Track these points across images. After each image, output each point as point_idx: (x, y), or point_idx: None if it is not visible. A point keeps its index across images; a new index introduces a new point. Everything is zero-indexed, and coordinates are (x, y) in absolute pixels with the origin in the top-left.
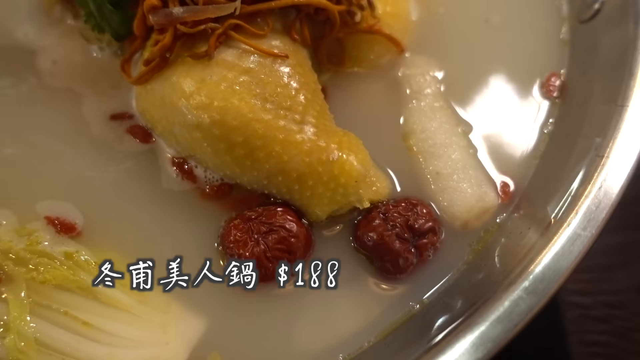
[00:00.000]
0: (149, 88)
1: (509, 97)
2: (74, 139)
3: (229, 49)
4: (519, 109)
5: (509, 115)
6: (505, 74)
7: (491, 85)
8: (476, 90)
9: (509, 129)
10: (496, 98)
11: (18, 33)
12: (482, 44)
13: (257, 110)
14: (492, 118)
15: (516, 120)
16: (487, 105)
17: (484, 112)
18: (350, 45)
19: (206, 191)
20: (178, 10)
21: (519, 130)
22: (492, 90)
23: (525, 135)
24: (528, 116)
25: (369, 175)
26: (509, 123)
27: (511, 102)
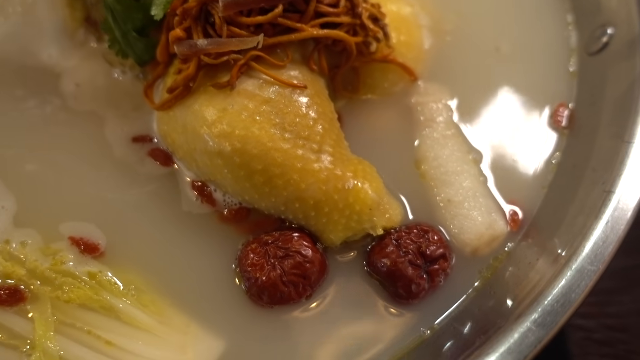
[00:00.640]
0: (171, 114)
1: (518, 126)
2: (96, 161)
3: (249, 79)
4: (528, 138)
5: (518, 143)
6: (514, 102)
7: (501, 114)
8: (486, 119)
9: (518, 158)
10: (506, 126)
11: (43, 54)
12: (492, 72)
13: (276, 139)
14: (501, 146)
15: (525, 149)
16: (497, 134)
17: (493, 140)
18: (365, 73)
19: (224, 214)
20: (202, 42)
21: (528, 159)
22: (502, 119)
23: (534, 164)
24: (537, 145)
25: (383, 202)
26: (518, 151)
27: (520, 130)
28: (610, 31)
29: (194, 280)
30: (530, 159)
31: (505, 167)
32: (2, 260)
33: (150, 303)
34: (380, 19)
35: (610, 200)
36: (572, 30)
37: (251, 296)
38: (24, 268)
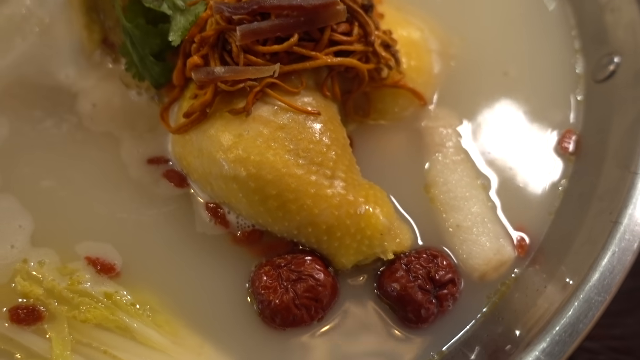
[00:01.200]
0: (187, 138)
1: (525, 151)
2: (112, 181)
3: (264, 105)
4: (535, 163)
5: (526, 169)
6: (522, 127)
7: (509, 139)
8: (494, 143)
9: (525, 183)
10: (513, 151)
11: (60, 74)
12: (500, 97)
13: (290, 165)
14: (509, 171)
15: (532, 174)
16: (505, 159)
17: (501, 165)
18: (376, 98)
19: (238, 236)
20: (220, 69)
21: (535, 185)
22: (510, 144)
23: (541, 190)
24: (544, 171)
25: (393, 227)
26: (525, 177)
27: (528, 156)
28: (617, 60)
29: (207, 301)
30: (537, 185)
31: (512, 193)
32: (20, 280)
33: (165, 323)
34: (391, 46)
35: (617, 231)
36: (579, 57)
37: (264, 318)
38: (42, 287)
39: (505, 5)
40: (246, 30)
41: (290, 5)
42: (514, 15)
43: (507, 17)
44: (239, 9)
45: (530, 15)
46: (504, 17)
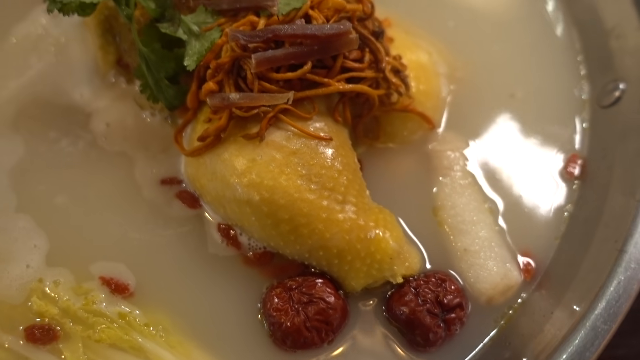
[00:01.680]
0: (200, 161)
1: (531, 175)
2: (126, 201)
3: (277, 131)
4: (541, 187)
5: (532, 193)
6: (528, 151)
7: (515, 162)
8: (501, 167)
9: (531, 207)
10: (519, 175)
11: (75, 94)
12: (506, 121)
13: (302, 190)
14: (515, 195)
15: (538, 198)
16: (511, 182)
17: (507, 188)
18: (386, 122)
19: (249, 257)
20: (235, 96)
21: (541, 209)
22: (516, 167)
23: (547, 214)
24: (550, 196)
25: (403, 251)
26: (531, 201)
27: (534, 179)
28: (622, 86)
29: (219, 322)
30: (543, 209)
31: (518, 217)
32: (36, 300)
33: (178, 344)
34: (401, 71)
35: (622, 260)
36: (585, 82)
37: (275, 340)
38: (57, 307)
39: (512, 29)
40: (261, 59)
41: (304, 34)
42: (520, 39)
43: (513, 40)
44: (254, 37)
45: (536, 39)
46: (510, 41)
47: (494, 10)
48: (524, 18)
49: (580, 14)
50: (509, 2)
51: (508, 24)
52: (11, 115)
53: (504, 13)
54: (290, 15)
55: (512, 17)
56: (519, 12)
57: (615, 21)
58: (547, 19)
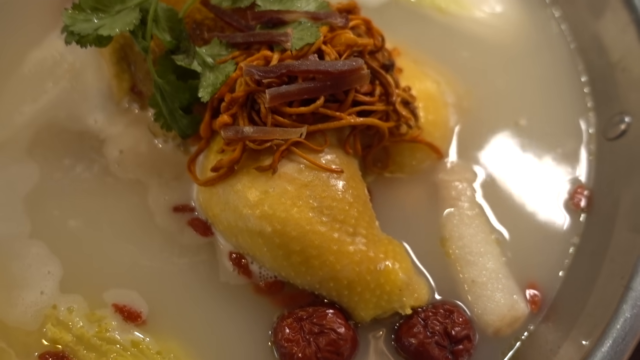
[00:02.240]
0: (213, 190)
1: (538, 205)
2: (139, 228)
3: (290, 163)
4: (548, 218)
5: (538, 224)
6: (534, 182)
7: (522, 193)
8: (508, 198)
9: (537, 239)
10: (526, 205)
11: (89, 119)
12: (513, 152)
13: (314, 222)
14: (522, 226)
15: (545, 229)
16: (518, 213)
17: (514, 219)
18: (395, 152)
19: (260, 286)
20: (248, 129)
21: (547, 241)
22: (523, 198)
23: (553, 246)
24: (556, 226)
25: (412, 283)
26: (538, 232)
27: (540, 210)
28: (628, 120)
29: (230, 351)
30: (550, 241)
31: (525, 248)
32: (50, 327)
33: None
34: (411, 102)
35: (629, 297)
36: (591, 114)
37: None
38: (71, 334)
39: (520, 60)
40: (275, 94)
41: (317, 70)
42: (528, 70)
43: (521, 71)
44: (269, 72)
45: (543, 71)
46: (518, 72)
47: (502, 41)
48: (531, 49)
49: (587, 46)
50: (517, 33)
51: (516, 55)
52: (27, 141)
53: (512, 44)
54: (304, 50)
55: (520, 48)
56: (527, 43)
57: (621, 54)
58: (555, 50)
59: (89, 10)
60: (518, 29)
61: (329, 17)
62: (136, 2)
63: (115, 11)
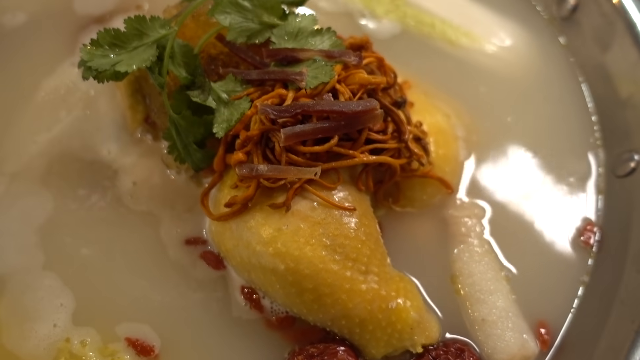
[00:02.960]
0: (226, 226)
1: (547, 242)
2: (152, 261)
3: (303, 200)
4: (557, 255)
5: (548, 261)
6: (544, 217)
7: (531, 229)
8: (517, 234)
9: (547, 276)
10: (535, 242)
11: (103, 149)
12: (522, 186)
13: (327, 261)
14: (531, 263)
15: (554, 267)
16: (527, 250)
17: (524, 256)
18: (406, 187)
19: (272, 321)
20: (263, 167)
21: (557, 278)
22: (532, 235)
23: (563, 284)
24: (565, 264)
25: (423, 321)
26: (547, 270)
27: (549, 247)
28: (638, 158)
29: None
30: (559, 279)
31: (534, 285)
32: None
33: None
34: (422, 138)
35: (639, 342)
36: (600, 150)
37: None
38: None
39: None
40: (290, 134)
41: (332, 110)
42: (537, 104)
43: (530, 105)
44: (284, 112)
45: (553, 105)
46: (527, 105)
47: (511, 74)
48: (540, 83)
49: (597, 83)
50: (526, 67)
51: (525, 88)
52: (41, 170)
53: (521, 78)
54: (318, 89)
55: (530, 81)
56: (536, 77)
57: (630, 91)
58: (563, 84)
59: (107, 46)
60: (527, 63)
61: (343, 56)
62: (153, 39)
63: (132, 47)
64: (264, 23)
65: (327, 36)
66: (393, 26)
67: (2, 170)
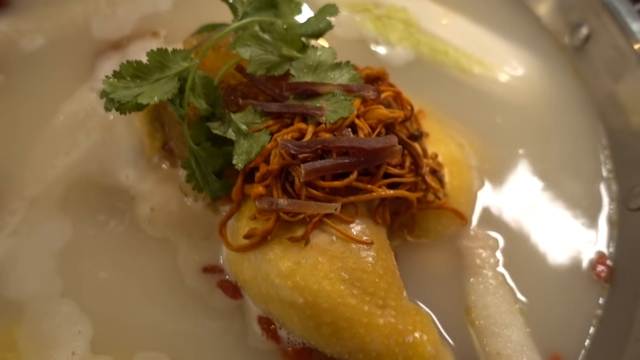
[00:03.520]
0: (244, 257)
1: (560, 275)
2: (169, 289)
3: (322, 234)
4: (570, 288)
5: (561, 294)
6: (557, 249)
7: (544, 261)
8: (530, 266)
9: (560, 309)
10: (549, 275)
11: (120, 175)
12: (535, 218)
13: (345, 295)
14: (545, 296)
15: (567, 300)
16: (541, 282)
17: (537, 288)
18: (421, 218)
19: (288, 352)
20: (283, 202)
21: (570, 311)
22: (545, 267)
23: (576, 317)
24: (579, 297)
25: (439, 355)
26: (560, 303)
27: (563, 280)
28: None
29: None
30: (572, 312)
31: (548, 318)
32: None
33: None
34: (438, 171)
35: None
36: (613, 182)
37: None
38: None
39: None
40: (311, 169)
41: (352, 146)
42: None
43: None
44: (304, 147)
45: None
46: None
47: (523, 102)
48: (552, 112)
49: (609, 113)
50: (538, 95)
51: (537, 117)
52: (59, 195)
53: (533, 106)
54: (337, 123)
55: (541, 110)
56: (547, 106)
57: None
58: (575, 113)
59: (129, 77)
60: (539, 92)
61: (362, 90)
62: (175, 72)
63: (154, 79)
64: (284, 56)
65: (346, 70)
66: (407, 53)
67: (22, 195)
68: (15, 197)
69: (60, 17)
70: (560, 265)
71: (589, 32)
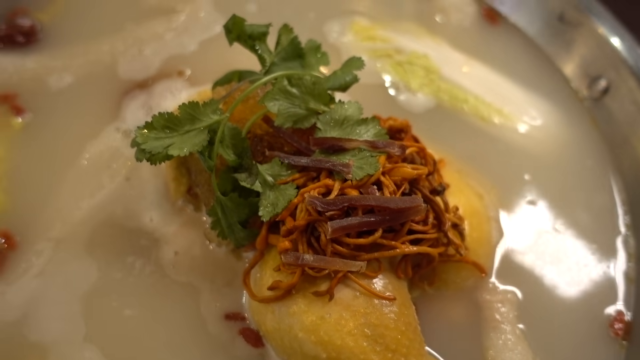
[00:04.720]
0: (268, 307)
1: (578, 331)
2: (192, 336)
3: (345, 288)
4: (588, 345)
5: (578, 350)
6: (574, 305)
7: (562, 317)
8: (548, 321)
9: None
10: (566, 331)
11: (145, 217)
12: (553, 270)
13: (368, 351)
14: (562, 352)
15: (585, 357)
16: (559, 338)
17: (555, 345)
18: (441, 270)
19: None
20: (309, 257)
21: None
22: (563, 322)
23: None
24: (596, 355)
25: None
26: (578, 359)
27: (580, 336)
28: None
29: None
30: None
31: None
32: None
33: None
34: (459, 224)
35: None
36: (631, 237)
37: None
38: None
39: (558, 173)
40: (337, 227)
41: (378, 205)
42: (565, 185)
43: (559, 185)
44: (332, 205)
45: (581, 186)
46: (556, 186)
47: (541, 152)
48: (570, 163)
49: (627, 166)
50: (556, 145)
51: (555, 167)
52: (85, 237)
53: (551, 156)
54: (363, 180)
55: (560, 161)
56: (565, 156)
57: None
58: (593, 167)
59: (160, 128)
60: (557, 142)
61: (387, 147)
62: (205, 124)
63: (184, 130)
64: (311, 109)
65: (372, 125)
66: (427, 100)
67: (48, 236)
68: (41, 238)
69: (88, 56)
70: (578, 321)
71: (608, 84)
